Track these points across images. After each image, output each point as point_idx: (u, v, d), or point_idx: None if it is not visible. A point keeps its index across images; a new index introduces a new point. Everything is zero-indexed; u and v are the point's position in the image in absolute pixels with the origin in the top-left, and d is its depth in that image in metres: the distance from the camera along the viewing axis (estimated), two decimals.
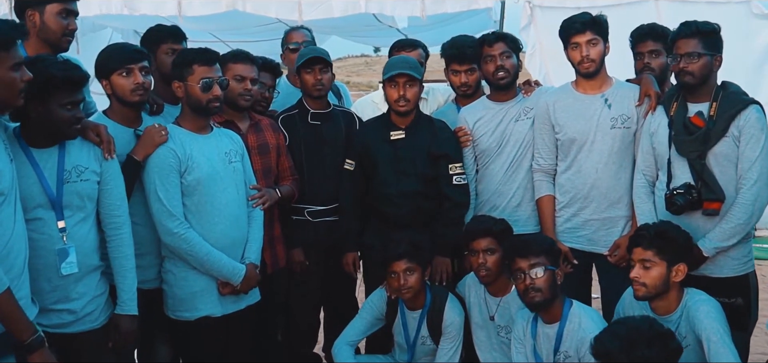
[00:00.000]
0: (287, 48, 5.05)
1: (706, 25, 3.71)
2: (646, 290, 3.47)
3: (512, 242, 3.79)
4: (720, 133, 3.63)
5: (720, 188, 3.63)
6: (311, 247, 4.46)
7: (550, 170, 4.28)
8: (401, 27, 9.16)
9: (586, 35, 4.04)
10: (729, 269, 3.69)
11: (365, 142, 4.41)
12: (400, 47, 4.99)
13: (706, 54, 3.66)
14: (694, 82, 3.70)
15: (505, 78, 4.32)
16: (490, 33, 4.43)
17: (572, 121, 4.14)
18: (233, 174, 3.79)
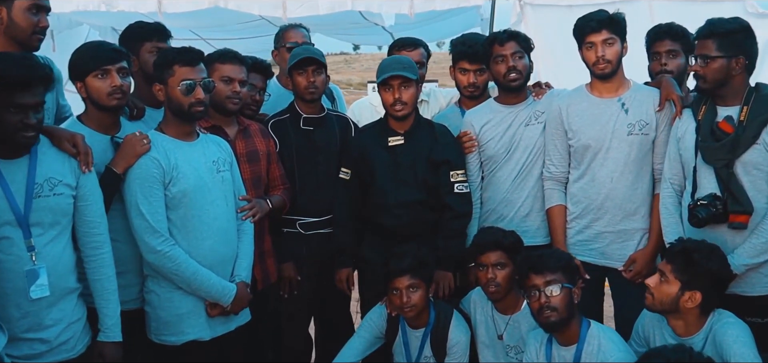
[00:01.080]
0: (283, 46, 4.74)
1: (727, 24, 3.44)
2: (651, 301, 3.25)
3: (526, 256, 3.51)
4: (750, 140, 3.36)
5: (748, 200, 3.36)
6: (303, 261, 4.17)
7: (562, 178, 4.01)
8: (388, 25, 8.91)
9: (602, 34, 3.77)
10: (761, 287, 3.42)
11: (361, 149, 4.12)
12: (400, 46, 4.70)
13: (723, 56, 3.39)
14: (708, 86, 3.45)
15: (517, 79, 4.04)
16: (501, 31, 4.15)
17: (586, 126, 3.87)
18: (222, 184, 3.49)
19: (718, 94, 3.48)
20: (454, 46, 4.38)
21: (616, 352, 3.29)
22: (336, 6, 7.83)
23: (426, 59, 4.70)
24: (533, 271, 3.37)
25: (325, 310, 4.38)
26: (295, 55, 4.17)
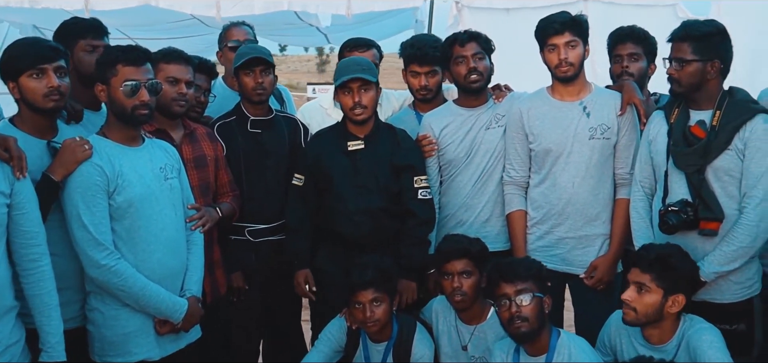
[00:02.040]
0: (226, 46, 4.51)
1: (703, 26, 3.39)
2: (635, 316, 3.16)
3: (497, 264, 3.39)
4: (722, 146, 3.30)
5: (719, 207, 3.31)
6: (253, 270, 3.96)
7: (523, 183, 3.90)
8: (324, 25, 8.75)
9: (565, 36, 3.68)
10: (731, 294, 3.37)
11: (318, 154, 3.92)
12: (352, 47, 4.51)
13: (698, 60, 3.34)
14: (682, 90, 3.39)
15: (478, 81, 3.92)
16: (462, 32, 4.02)
17: (548, 130, 3.77)
18: (170, 192, 3.25)
19: (692, 97, 3.41)
20: (404, 49, 4.23)
21: (588, 361, 3.20)
22: (271, 6, 7.65)
23: (378, 60, 4.54)
24: (504, 279, 3.25)
25: (275, 321, 4.16)
26: (241, 54, 3.96)
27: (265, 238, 3.98)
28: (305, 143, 4.11)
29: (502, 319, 3.28)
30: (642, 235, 3.56)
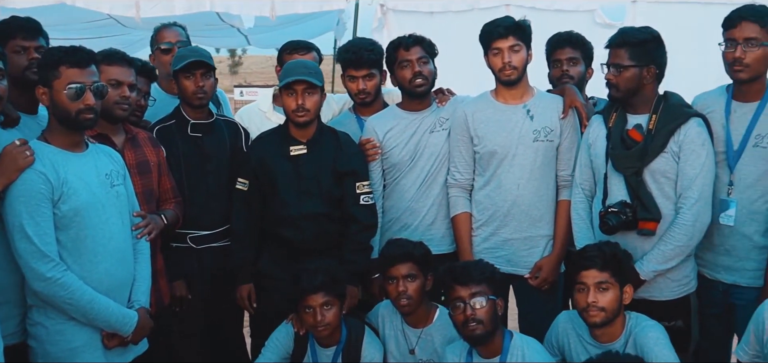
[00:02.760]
0: (158, 48, 4.37)
1: (640, 33, 3.50)
2: (604, 315, 3.21)
3: (451, 267, 3.41)
4: (658, 149, 3.42)
5: (656, 208, 3.42)
6: (195, 278, 3.87)
7: (467, 185, 3.94)
8: (247, 27, 8.64)
9: (509, 41, 3.74)
10: (669, 292, 3.49)
11: (261, 158, 3.86)
12: (292, 49, 4.47)
13: (635, 65, 3.44)
14: (619, 94, 3.49)
15: (423, 85, 3.93)
16: (406, 36, 4.01)
17: (492, 132, 3.82)
18: (116, 200, 3.13)
19: (629, 102, 3.52)
20: (340, 54, 4.22)
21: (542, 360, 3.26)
22: (193, 6, 7.53)
23: (318, 63, 4.50)
24: (458, 282, 3.27)
25: (217, 330, 4.06)
26: (181, 57, 3.86)
27: (207, 244, 3.90)
28: (246, 147, 4.04)
29: (456, 322, 3.30)
30: (583, 237, 3.65)
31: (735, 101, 3.52)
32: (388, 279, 3.60)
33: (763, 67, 3.40)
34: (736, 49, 3.36)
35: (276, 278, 3.83)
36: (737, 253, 3.49)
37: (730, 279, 3.53)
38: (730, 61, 3.40)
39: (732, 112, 3.50)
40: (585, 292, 3.24)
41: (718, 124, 3.52)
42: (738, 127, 3.48)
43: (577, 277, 3.27)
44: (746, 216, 3.45)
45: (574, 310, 3.45)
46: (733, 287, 3.53)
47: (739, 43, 3.36)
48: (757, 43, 3.34)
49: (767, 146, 3.42)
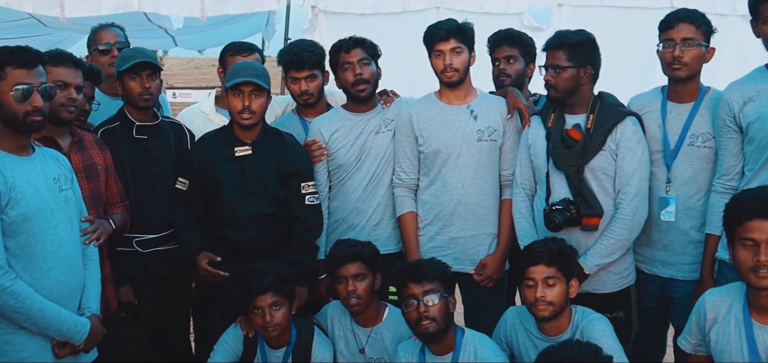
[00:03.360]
0: (96, 49, 4.28)
1: (576, 35, 3.63)
2: (552, 309, 3.31)
3: (404, 265, 3.47)
4: (597, 147, 3.56)
5: (598, 203, 3.56)
6: (141, 282, 3.81)
7: (413, 185, 4.00)
8: (175, 27, 8.49)
9: (451, 43, 3.81)
10: (611, 285, 3.64)
11: (205, 158, 3.84)
12: (235, 50, 4.44)
13: (572, 66, 3.58)
14: (558, 95, 3.62)
15: (365, 89, 3.97)
16: (346, 38, 4.04)
17: (437, 133, 3.88)
18: (65, 205, 3.06)
19: (567, 102, 3.65)
20: (282, 56, 4.22)
21: (493, 357, 3.34)
22: (120, 6, 7.39)
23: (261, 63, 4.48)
24: (411, 280, 3.32)
25: (163, 335, 4.01)
26: (126, 58, 3.81)
27: (154, 248, 3.87)
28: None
29: (409, 319, 3.35)
30: (526, 234, 3.76)
31: (670, 102, 3.68)
32: (338, 279, 3.62)
33: (698, 65, 3.59)
34: (675, 48, 3.53)
35: (222, 281, 3.80)
36: (674, 248, 3.66)
37: (668, 273, 3.70)
38: (669, 61, 3.56)
39: (668, 113, 3.66)
40: (533, 287, 3.33)
41: (655, 123, 3.68)
42: (674, 127, 3.64)
43: (526, 272, 3.36)
44: (683, 212, 3.62)
45: (521, 306, 3.56)
46: (670, 281, 3.70)
47: (677, 43, 3.53)
48: (694, 43, 3.53)
49: (701, 146, 3.60)
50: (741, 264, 2.88)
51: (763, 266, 2.79)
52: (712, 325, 3.06)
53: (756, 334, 2.92)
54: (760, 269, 2.80)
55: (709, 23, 3.64)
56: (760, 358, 2.91)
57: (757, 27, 3.39)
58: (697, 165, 3.60)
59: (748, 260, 2.83)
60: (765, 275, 2.80)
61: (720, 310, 3.05)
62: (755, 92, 3.40)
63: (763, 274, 2.80)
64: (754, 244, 2.81)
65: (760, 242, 2.80)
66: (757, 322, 2.92)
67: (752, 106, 3.39)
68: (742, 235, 2.86)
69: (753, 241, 2.82)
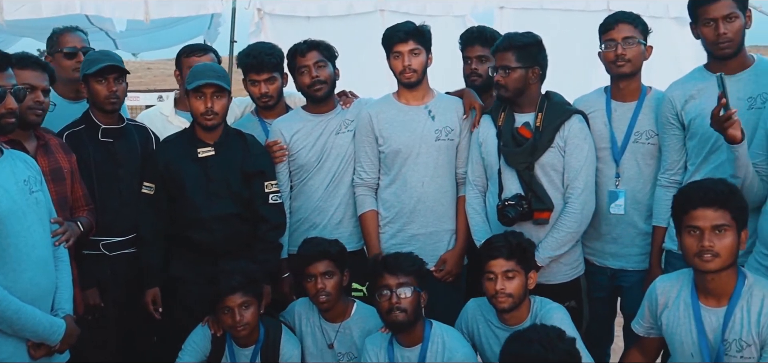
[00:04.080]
0: (60, 52, 4.27)
1: (524, 37, 3.80)
2: (512, 301, 3.45)
3: (383, 257, 3.60)
4: (546, 144, 3.74)
5: (549, 198, 3.74)
6: (108, 285, 3.84)
7: (373, 184, 4.11)
8: (118, 30, 8.42)
9: (409, 44, 3.93)
10: (563, 275, 3.82)
11: (168, 161, 3.89)
12: (190, 52, 4.48)
13: (521, 67, 3.75)
14: (508, 94, 3.78)
15: (321, 90, 4.07)
16: (302, 42, 4.11)
17: (397, 132, 4.01)
18: (36, 207, 3.07)
19: (516, 101, 3.83)
20: (241, 59, 4.27)
21: (461, 348, 3.49)
22: (61, 8, 7.34)
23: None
24: (387, 271, 3.46)
25: (131, 338, 4.03)
26: (93, 61, 3.84)
27: (120, 251, 3.89)
28: None
29: (381, 308, 3.48)
30: (480, 230, 3.92)
31: (615, 101, 3.89)
32: (307, 277, 3.71)
33: (640, 62, 3.82)
34: (617, 47, 3.75)
35: (187, 281, 3.88)
36: (623, 241, 3.87)
37: (618, 264, 3.91)
38: (612, 59, 3.78)
39: (613, 111, 3.87)
40: (494, 280, 3.48)
41: (601, 122, 3.88)
42: (619, 125, 3.85)
43: (486, 266, 3.51)
44: (631, 205, 3.83)
45: (482, 298, 3.71)
46: (619, 272, 3.91)
47: (619, 43, 3.75)
48: (634, 41, 3.76)
49: (646, 142, 3.82)
50: (687, 250, 3.09)
51: (706, 251, 3.00)
52: (663, 309, 3.27)
53: (703, 315, 3.14)
54: (704, 254, 3.01)
55: (645, 23, 3.89)
56: (708, 337, 3.12)
57: (696, 29, 3.60)
58: (642, 161, 3.82)
59: (694, 246, 3.04)
60: (709, 259, 3.01)
61: (670, 296, 3.26)
62: (696, 91, 3.62)
63: (707, 258, 3.01)
64: (698, 231, 3.03)
65: (704, 229, 3.01)
66: (703, 305, 3.14)
67: (693, 104, 3.62)
68: (687, 224, 3.07)
69: (697, 229, 3.03)
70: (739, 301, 3.07)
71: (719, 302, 3.10)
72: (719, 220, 2.99)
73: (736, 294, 3.08)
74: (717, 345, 3.09)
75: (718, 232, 2.99)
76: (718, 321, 3.09)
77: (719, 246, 2.99)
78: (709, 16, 3.48)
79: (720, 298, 3.10)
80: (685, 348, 3.19)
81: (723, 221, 2.99)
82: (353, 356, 3.76)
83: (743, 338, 3.04)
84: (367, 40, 4.23)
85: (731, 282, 3.08)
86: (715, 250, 2.99)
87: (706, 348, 3.12)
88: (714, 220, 2.99)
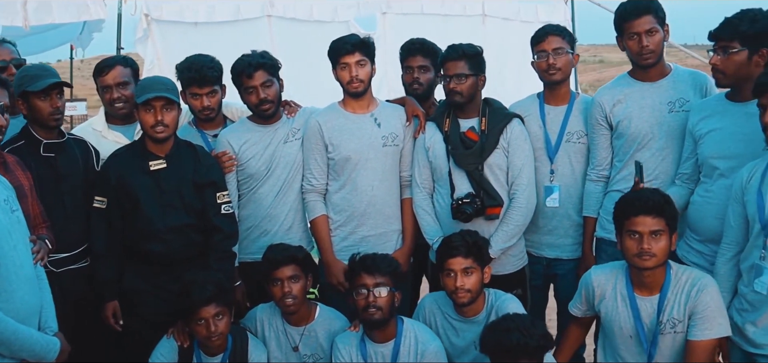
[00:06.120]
0: None
1: (471, 47, 4.08)
2: (470, 295, 3.71)
3: (362, 257, 3.73)
4: (492, 146, 4.04)
5: (498, 195, 4.04)
6: (56, 302, 3.71)
7: (322, 190, 4.24)
8: None
9: (356, 56, 4.09)
10: (510, 266, 4.14)
11: (120, 175, 3.85)
12: (111, 65, 4.30)
13: (472, 74, 4.03)
14: (463, 100, 4.05)
15: (269, 108, 4.15)
16: (248, 65, 4.10)
17: (346, 140, 4.16)
18: (19, 226, 3.01)
19: (462, 107, 4.09)
20: (181, 73, 4.22)
21: (432, 340, 3.71)
22: None
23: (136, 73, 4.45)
24: (366, 271, 3.63)
25: (81, 355, 3.93)
26: (34, 77, 3.73)
27: (67, 267, 3.80)
28: (97, 165, 4.01)
29: (358, 306, 3.65)
30: (431, 230, 4.17)
31: (547, 105, 4.26)
32: (273, 281, 3.79)
33: (569, 70, 4.22)
34: (548, 57, 4.11)
35: (143, 292, 3.88)
36: (558, 232, 4.24)
37: (553, 254, 4.28)
38: (545, 68, 4.14)
39: (546, 115, 4.24)
40: (453, 276, 3.72)
41: (536, 124, 4.23)
42: (553, 127, 4.22)
43: (445, 264, 3.75)
44: (565, 199, 4.20)
45: (437, 293, 3.96)
46: (555, 261, 4.28)
47: (550, 53, 4.10)
48: (563, 51, 4.14)
49: (576, 142, 4.21)
50: (627, 250, 3.52)
51: (645, 253, 3.44)
52: (601, 300, 3.68)
53: (639, 305, 3.58)
54: (643, 255, 3.45)
55: (572, 34, 4.30)
56: (644, 323, 3.57)
57: (622, 41, 4.01)
58: (574, 158, 4.21)
59: (634, 247, 3.48)
60: (647, 259, 3.45)
61: (606, 288, 3.67)
62: (622, 95, 4.04)
63: (646, 258, 3.45)
64: (638, 235, 3.45)
65: (643, 233, 3.44)
66: (639, 296, 3.59)
67: (620, 107, 4.03)
68: (628, 228, 3.49)
69: (637, 233, 3.46)
70: (670, 288, 3.53)
71: (652, 292, 3.56)
72: (656, 226, 3.44)
73: (666, 283, 3.55)
74: (653, 327, 3.52)
75: (655, 236, 3.44)
76: (653, 307, 3.55)
77: (656, 248, 3.44)
78: (634, 31, 3.90)
79: (652, 289, 3.56)
80: (624, 332, 3.63)
81: (659, 227, 3.44)
82: (319, 357, 3.88)
83: (675, 316, 3.50)
84: (254, 45, 4.32)
85: (661, 274, 3.55)
86: (653, 251, 3.43)
87: (642, 331, 3.56)
88: (652, 226, 3.43)
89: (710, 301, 3.44)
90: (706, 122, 3.74)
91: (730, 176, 3.59)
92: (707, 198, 3.72)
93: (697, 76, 4.01)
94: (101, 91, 4.33)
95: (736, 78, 3.59)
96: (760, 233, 3.35)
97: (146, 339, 3.83)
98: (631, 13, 3.89)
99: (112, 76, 4.27)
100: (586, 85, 23.69)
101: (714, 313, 3.44)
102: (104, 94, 4.29)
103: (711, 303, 3.44)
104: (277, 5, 8.37)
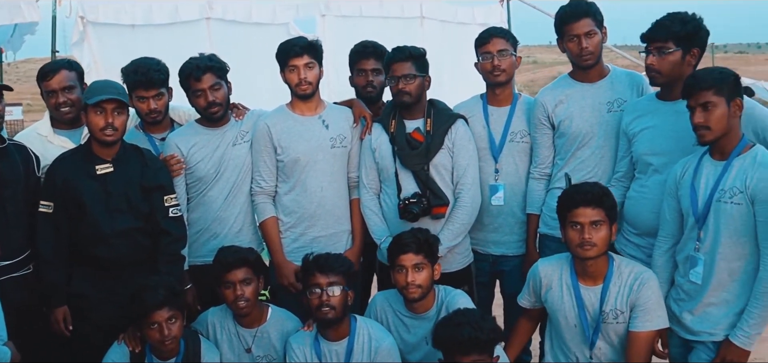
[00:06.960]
0: None
1: (417, 49, 4.17)
2: (421, 291, 3.79)
3: (316, 257, 3.76)
4: (438, 146, 4.13)
5: (444, 194, 4.13)
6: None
7: (271, 192, 4.26)
8: None
9: (304, 59, 4.13)
10: (457, 264, 4.23)
11: (66, 179, 3.82)
12: (55, 69, 4.28)
13: (419, 75, 4.12)
14: (411, 101, 4.14)
15: (218, 111, 4.16)
16: (197, 69, 4.10)
17: (295, 142, 4.19)
18: None
19: (409, 108, 4.17)
20: (127, 75, 4.18)
21: (385, 337, 3.78)
22: None
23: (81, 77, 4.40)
24: (319, 271, 3.68)
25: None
26: None
27: (9, 275, 3.76)
28: (38, 171, 3.96)
29: (311, 305, 3.70)
30: (379, 229, 4.24)
31: (491, 106, 4.37)
32: (225, 284, 3.81)
33: (513, 71, 4.34)
34: (493, 59, 4.22)
35: (91, 297, 3.87)
36: (504, 229, 4.36)
37: (499, 251, 4.40)
38: (489, 69, 4.25)
39: (490, 115, 4.35)
40: (404, 272, 3.80)
41: (480, 125, 4.34)
42: (496, 127, 4.33)
43: (397, 261, 3.82)
44: (510, 197, 4.32)
45: (388, 290, 4.04)
46: (500, 258, 4.41)
47: (494, 55, 4.22)
48: (507, 53, 4.26)
49: (520, 141, 4.34)
50: (570, 241, 3.66)
51: (586, 243, 3.59)
52: (547, 290, 3.81)
53: (583, 294, 3.72)
54: (585, 245, 3.60)
55: (514, 36, 4.41)
56: (587, 312, 3.71)
57: (562, 43, 4.14)
58: (518, 157, 4.33)
59: (576, 238, 3.62)
60: (588, 249, 3.60)
61: (552, 278, 3.81)
62: (564, 96, 4.18)
63: (587, 248, 3.60)
64: (579, 226, 3.59)
65: (584, 224, 3.58)
66: (583, 285, 3.73)
67: (562, 107, 4.17)
68: (571, 220, 3.63)
69: (579, 224, 3.60)
70: (613, 279, 3.68)
71: (595, 282, 3.71)
72: (596, 217, 3.59)
73: (609, 274, 3.70)
74: (596, 316, 3.66)
75: (595, 226, 3.58)
76: (596, 297, 3.69)
77: (596, 237, 3.59)
78: (573, 33, 4.04)
79: (596, 278, 3.70)
80: (568, 321, 3.76)
81: (599, 217, 3.59)
82: (272, 358, 3.90)
83: (618, 307, 3.65)
84: (193, 47, 4.31)
85: (604, 265, 3.70)
86: (593, 241, 3.58)
87: (585, 320, 3.69)
88: (592, 216, 3.58)
89: (651, 294, 3.60)
90: (639, 121, 3.91)
91: (663, 172, 3.77)
92: (643, 193, 3.89)
93: (633, 77, 4.18)
94: (46, 96, 4.27)
95: (671, 77, 3.76)
96: (694, 226, 3.53)
97: (95, 344, 3.81)
98: (571, 16, 4.03)
99: (57, 80, 4.22)
100: (521, 86, 24.13)
101: (654, 306, 3.60)
102: (49, 99, 4.23)
103: (652, 296, 3.60)
104: (216, 7, 8.30)
